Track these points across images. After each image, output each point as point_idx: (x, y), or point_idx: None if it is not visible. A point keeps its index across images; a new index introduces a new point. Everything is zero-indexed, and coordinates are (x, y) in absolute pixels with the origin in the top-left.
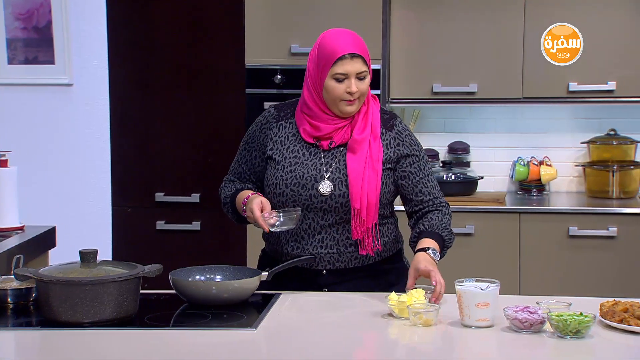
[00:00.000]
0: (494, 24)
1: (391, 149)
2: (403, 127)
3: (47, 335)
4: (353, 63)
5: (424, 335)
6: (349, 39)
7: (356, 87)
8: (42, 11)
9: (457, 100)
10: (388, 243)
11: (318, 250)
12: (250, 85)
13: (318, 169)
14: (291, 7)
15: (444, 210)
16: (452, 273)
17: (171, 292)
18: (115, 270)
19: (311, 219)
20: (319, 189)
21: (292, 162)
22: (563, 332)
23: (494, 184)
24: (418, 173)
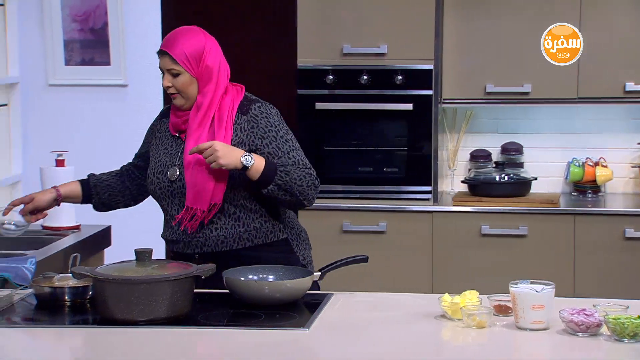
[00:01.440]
0: (548, 23)
1: (244, 132)
2: (260, 111)
3: (102, 333)
4: (163, 60)
5: (477, 337)
6: (171, 36)
7: (168, 82)
8: (98, 13)
9: (510, 101)
10: (260, 230)
11: (187, 234)
12: (302, 85)
13: (173, 157)
14: (343, 7)
15: (304, 169)
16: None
17: (224, 291)
18: (170, 269)
19: (177, 204)
20: (167, 174)
21: (161, 152)
22: (620, 335)
23: (548, 185)
24: (276, 152)
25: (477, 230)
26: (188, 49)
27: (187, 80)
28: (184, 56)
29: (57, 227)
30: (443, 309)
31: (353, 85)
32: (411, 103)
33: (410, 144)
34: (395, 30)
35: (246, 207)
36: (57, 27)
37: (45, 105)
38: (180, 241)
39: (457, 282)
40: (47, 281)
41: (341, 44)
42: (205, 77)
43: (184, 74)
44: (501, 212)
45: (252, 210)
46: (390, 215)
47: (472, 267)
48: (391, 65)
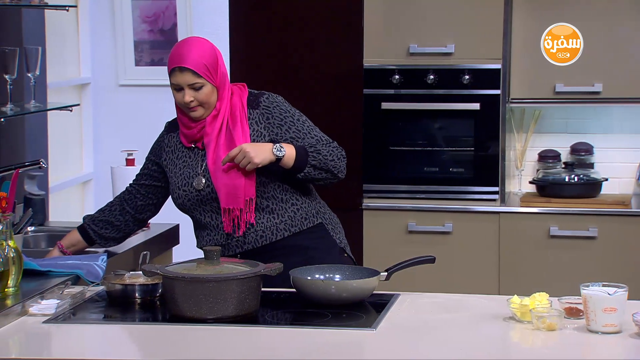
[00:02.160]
0: (618, 22)
1: (261, 125)
2: (270, 101)
3: (172, 330)
4: (183, 76)
5: (547, 339)
6: (184, 50)
7: (191, 96)
8: (167, 14)
9: (580, 101)
10: (294, 218)
11: (225, 237)
12: (368, 85)
13: (197, 168)
14: (410, 7)
15: (330, 144)
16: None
17: (291, 290)
18: (238, 268)
19: (210, 211)
20: (193, 185)
21: (180, 166)
22: None
23: (619, 186)
24: (299, 135)
25: (545, 232)
26: (206, 59)
27: (209, 91)
28: (205, 67)
29: None
30: (512, 310)
31: (419, 85)
32: (478, 103)
33: (477, 144)
34: (462, 30)
35: (277, 198)
36: (127, 28)
37: (116, 105)
38: (219, 246)
39: (524, 284)
40: (118, 279)
41: (407, 43)
42: (222, 83)
43: (206, 85)
44: (570, 214)
45: (283, 200)
46: (456, 215)
47: (540, 269)
48: (458, 64)
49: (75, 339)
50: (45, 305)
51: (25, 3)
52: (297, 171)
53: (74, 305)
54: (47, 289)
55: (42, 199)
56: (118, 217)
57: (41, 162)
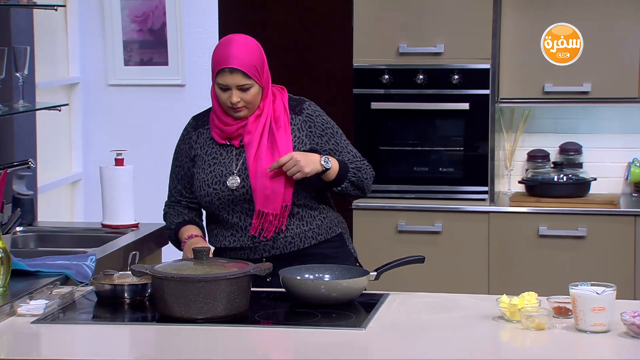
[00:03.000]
0: (608, 21)
1: (303, 132)
2: (312, 110)
3: (161, 330)
4: (232, 77)
5: (536, 339)
6: (234, 50)
7: (238, 97)
8: (156, 13)
9: (569, 100)
10: (321, 227)
11: (253, 240)
12: (358, 85)
13: (231, 166)
14: (399, 7)
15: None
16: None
17: (280, 290)
18: (227, 267)
19: (239, 212)
20: (226, 183)
21: (210, 163)
22: None
23: (608, 186)
24: (337, 148)
25: (534, 231)
26: (255, 61)
27: (256, 92)
28: (254, 69)
29: (116, 225)
30: (501, 310)
31: (409, 85)
32: (468, 102)
33: (467, 144)
34: (452, 30)
35: (307, 206)
36: (116, 28)
37: (105, 105)
38: (245, 248)
39: (514, 284)
40: (107, 279)
41: (397, 43)
42: (267, 84)
43: (254, 86)
44: (559, 213)
45: (313, 208)
46: (446, 215)
47: (529, 268)
48: (448, 64)
49: (64, 339)
50: (33, 305)
51: (13, 3)
52: (335, 185)
53: (63, 306)
54: (36, 289)
55: (31, 199)
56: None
57: (30, 162)
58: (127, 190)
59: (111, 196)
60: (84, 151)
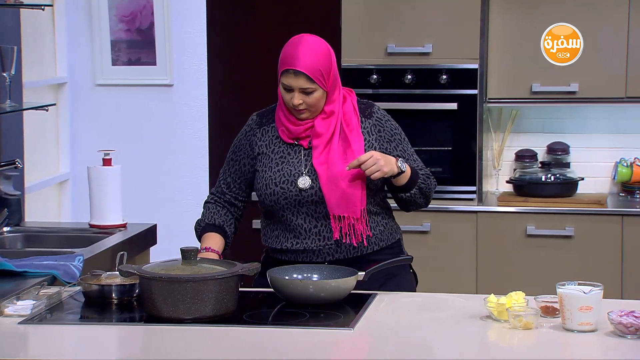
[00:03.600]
0: (596, 21)
1: (372, 136)
2: (381, 114)
3: (149, 331)
4: (296, 79)
5: (523, 338)
6: (301, 52)
7: (300, 100)
8: (144, 13)
9: (557, 100)
10: (384, 232)
11: (317, 243)
12: (346, 85)
13: (300, 166)
14: (388, 7)
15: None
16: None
17: (269, 290)
18: (215, 267)
19: (305, 214)
20: (297, 184)
21: (278, 162)
22: None
23: (595, 186)
24: (404, 155)
25: (522, 231)
26: (321, 65)
27: (319, 96)
28: (319, 73)
29: (104, 225)
30: (489, 309)
31: (397, 85)
32: (456, 102)
33: (455, 144)
34: (440, 30)
35: (372, 212)
36: (104, 27)
37: (93, 105)
38: (308, 251)
39: (502, 283)
40: (94, 279)
41: (385, 43)
42: (333, 87)
43: (317, 90)
44: (547, 213)
45: (377, 214)
46: (434, 215)
47: (517, 268)
48: (436, 64)
49: (51, 339)
50: (21, 306)
51: (0, 2)
52: (404, 190)
53: (50, 306)
54: (23, 290)
55: (18, 199)
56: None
57: (17, 162)
58: (115, 191)
59: (99, 196)
60: (72, 151)
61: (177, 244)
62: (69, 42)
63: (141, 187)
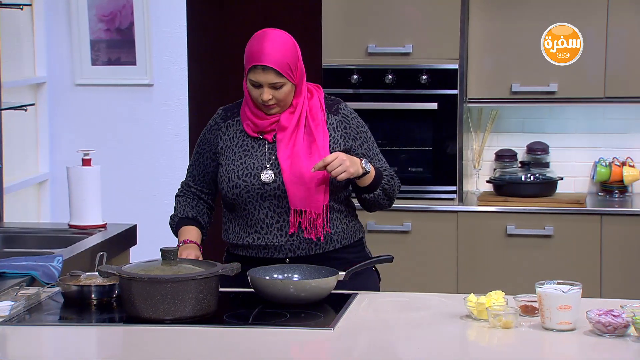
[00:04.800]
0: (575, 22)
1: (338, 132)
2: (348, 111)
3: (129, 331)
4: (265, 75)
5: (503, 337)
6: (267, 47)
7: (270, 95)
8: (124, 13)
9: (536, 100)
10: (346, 231)
11: (278, 238)
12: (327, 85)
13: (264, 160)
14: (368, 7)
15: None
16: (531, 275)
17: (249, 290)
18: (195, 268)
19: (267, 208)
20: (260, 178)
21: (241, 155)
22: None
23: (574, 185)
24: (369, 154)
25: (502, 231)
26: (289, 59)
27: (289, 90)
28: (287, 67)
29: (83, 226)
30: (469, 309)
31: (378, 85)
32: (436, 102)
33: (435, 144)
34: (421, 30)
35: (335, 209)
36: (83, 27)
37: (72, 105)
38: (269, 246)
39: (482, 283)
40: (74, 279)
41: (366, 43)
42: (300, 81)
43: (287, 84)
44: (527, 212)
45: (340, 212)
46: (415, 215)
47: (497, 267)
48: (416, 64)
49: (30, 341)
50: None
51: None
52: (368, 191)
53: (29, 307)
54: (2, 291)
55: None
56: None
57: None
58: (95, 191)
59: (78, 197)
60: (51, 151)
61: (157, 244)
62: (48, 42)
63: (121, 187)
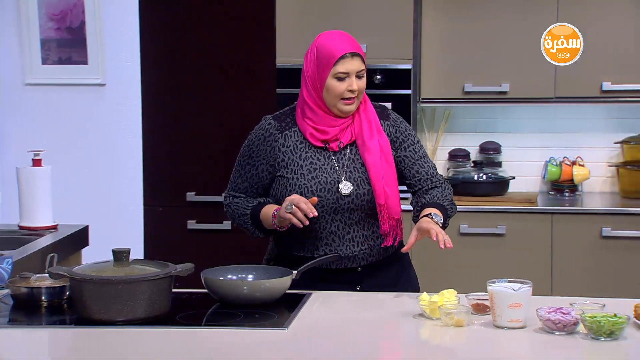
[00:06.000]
0: (526, 22)
1: (389, 137)
2: (396, 115)
3: (80, 333)
4: (353, 62)
5: (455, 335)
6: (346, 39)
7: (357, 85)
8: (75, 12)
9: (488, 100)
10: None
11: (351, 249)
12: (281, 85)
13: (336, 171)
14: (321, 7)
15: (444, 186)
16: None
17: (203, 291)
18: (148, 269)
19: (338, 221)
20: (339, 190)
21: (310, 169)
22: (596, 333)
23: (526, 184)
24: (414, 155)
25: (455, 229)
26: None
27: (365, 79)
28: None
29: (34, 227)
30: (421, 308)
31: None
32: (390, 102)
33: None
34: (374, 30)
35: None
36: (33, 26)
37: (22, 104)
38: (343, 257)
39: (435, 281)
40: (24, 281)
41: None
42: None
43: (364, 73)
44: (480, 212)
45: None
46: None
47: (450, 266)
48: (370, 64)
49: None
50: None
51: None
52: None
53: None
54: None
55: None
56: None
57: None
58: (45, 191)
59: (29, 197)
60: (1, 151)
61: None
62: None
63: (73, 188)
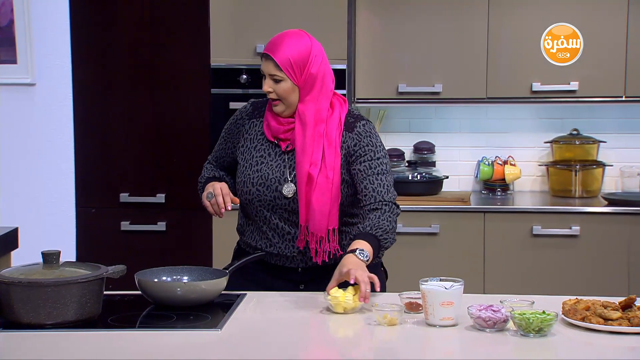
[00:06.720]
0: (458, 24)
1: (347, 150)
2: (364, 129)
3: (8, 337)
4: (266, 63)
5: (388, 334)
6: (277, 40)
7: (269, 87)
8: (3, 10)
9: (422, 100)
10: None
11: (290, 249)
12: (216, 85)
13: (282, 171)
14: (257, 7)
15: (384, 209)
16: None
17: (137, 293)
18: (78, 271)
19: (278, 219)
20: (282, 191)
21: (258, 161)
22: (526, 330)
23: (459, 184)
24: (367, 171)
25: None
26: (293, 56)
27: (288, 88)
28: (289, 63)
29: None
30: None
31: None
32: None
33: None
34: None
35: (343, 221)
36: None
37: None
38: (281, 255)
39: None
40: None
41: (254, 43)
42: (308, 85)
43: (286, 80)
44: (414, 211)
45: (347, 224)
46: None
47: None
48: None
49: None
50: None
51: None
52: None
53: None
54: None
55: None
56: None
57: None
58: None
59: None
60: None
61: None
62: None
63: (3, 189)
